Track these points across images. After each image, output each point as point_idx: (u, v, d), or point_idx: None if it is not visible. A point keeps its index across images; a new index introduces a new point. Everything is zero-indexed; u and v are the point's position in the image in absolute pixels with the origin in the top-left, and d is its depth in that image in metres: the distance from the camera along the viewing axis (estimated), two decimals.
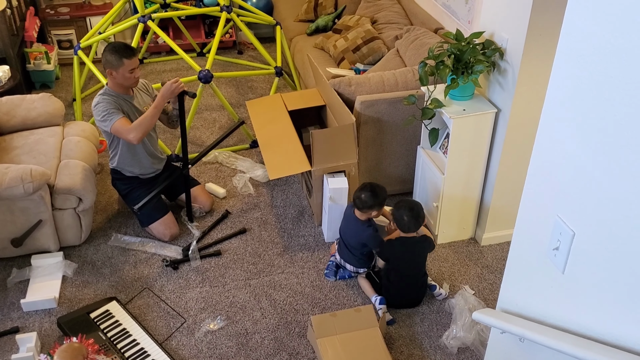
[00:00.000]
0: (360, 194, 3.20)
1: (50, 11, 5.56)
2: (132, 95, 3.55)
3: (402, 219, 3.11)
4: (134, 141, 3.36)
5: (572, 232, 1.57)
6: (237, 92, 5.29)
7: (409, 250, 3.15)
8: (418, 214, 3.12)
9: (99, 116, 3.39)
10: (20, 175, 3.20)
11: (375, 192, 3.19)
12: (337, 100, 3.60)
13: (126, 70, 3.37)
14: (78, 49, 4.59)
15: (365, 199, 3.18)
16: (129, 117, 3.46)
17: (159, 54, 5.91)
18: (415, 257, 3.18)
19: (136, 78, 3.44)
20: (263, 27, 5.99)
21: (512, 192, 3.39)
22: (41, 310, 3.22)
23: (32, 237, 3.43)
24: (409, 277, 3.18)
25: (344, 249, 3.33)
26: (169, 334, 3.10)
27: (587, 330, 1.59)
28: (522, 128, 3.18)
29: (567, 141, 1.56)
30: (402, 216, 3.11)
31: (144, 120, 3.37)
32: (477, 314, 2.01)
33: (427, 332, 3.11)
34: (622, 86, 1.33)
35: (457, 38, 3.21)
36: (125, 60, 3.35)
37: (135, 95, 3.57)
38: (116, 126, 3.36)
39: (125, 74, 3.39)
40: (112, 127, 3.37)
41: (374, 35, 4.58)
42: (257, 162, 4.33)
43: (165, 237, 3.65)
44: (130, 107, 3.51)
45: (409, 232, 3.14)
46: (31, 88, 5.28)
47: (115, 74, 3.39)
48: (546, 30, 2.87)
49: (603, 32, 1.37)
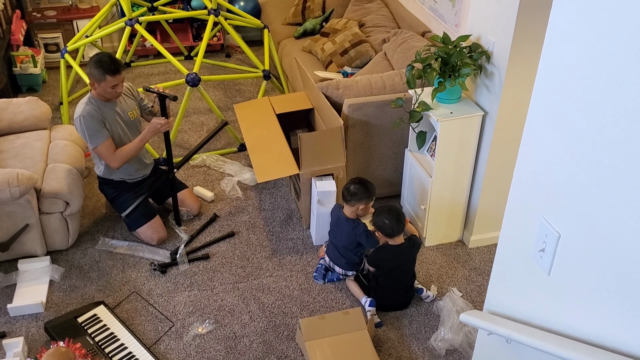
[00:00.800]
0: (349, 186, 3.24)
1: (37, 14, 5.53)
2: (116, 102, 3.53)
3: (384, 223, 3.10)
4: (115, 168, 3.48)
5: (557, 234, 1.59)
6: (225, 95, 5.29)
7: (399, 257, 3.16)
8: (398, 214, 3.11)
9: (83, 131, 3.38)
10: (6, 179, 3.18)
11: (364, 184, 3.23)
12: (325, 104, 3.61)
13: (108, 85, 3.34)
14: (65, 52, 4.57)
15: (354, 190, 3.21)
16: (110, 124, 3.45)
17: (147, 57, 5.89)
18: (405, 263, 3.19)
19: (117, 93, 3.41)
20: (251, 31, 6.00)
21: (500, 194, 3.42)
22: (28, 315, 3.20)
23: (18, 241, 3.40)
24: (398, 281, 3.19)
25: (333, 252, 3.34)
26: (157, 337, 3.09)
27: (573, 331, 1.60)
28: (509, 130, 3.20)
29: (552, 143, 1.57)
30: (382, 221, 3.10)
31: (127, 151, 3.46)
32: (464, 316, 2.02)
33: (416, 334, 3.12)
34: (606, 89, 1.35)
35: (445, 41, 3.23)
36: (109, 77, 3.31)
37: (119, 101, 3.55)
38: (100, 150, 3.41)
39: (107, 89, 3.36)
40: (97, 149, 3.41)
41: (362, 39, 4.59)
42: (245, 166, 4.33)
43: (153, 241, 3.63)
44: (113, 114, 3.48)
45: (394, 236, 3.13)
46: (18, 92, 5.24)
47: (97, 86, 3.36)
48: (532, 34, 2.90)
49: (587, 35, 1.39)
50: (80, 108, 3.40)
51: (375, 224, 3.14)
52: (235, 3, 5.80)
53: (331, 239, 3.37)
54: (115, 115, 3.49)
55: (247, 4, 5.83)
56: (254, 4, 5.86)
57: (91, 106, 3.40)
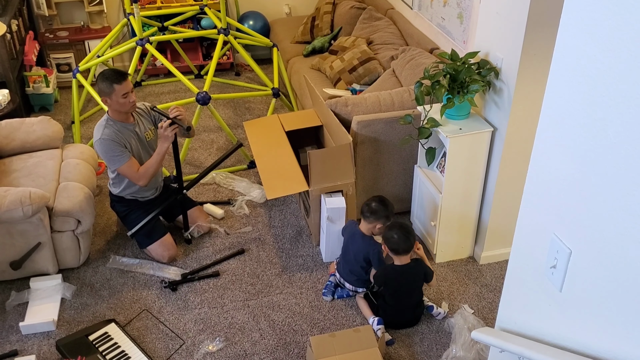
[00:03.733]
0: (370, 202, 3.24)
1: (50, 35, 5.61)
2: (134, 123, 3.55)
3: (392, 237, 3.10)
4: (142, 185, 3.51)
5: (569, 250, 1.58)
6: (235, 113, 5.33)
7: (403, 277, 3.14)
8: (408, 232, 3.10)
9: (105, 154, 3.42)
10: (19, 198, 3.21)
11: (385, 203, 3.24)
12: (333, 121, 3.62)
13: (118, 95, 3.35)
14: (77, 72, 4.63)
15: (375, 208, 3.21)
16: (131, 146, 3.48)
17: (157, 76, 5.95)
18: (410, 283, 3.18)
19: (131, 102, 3.42)
20: (260, 49, 6.05)
21: (510, 210, 3.41)
22: (40, 333, 3.21)
23: (30, 259, 3.43)
24: (405, 299, 3.18)
25: (344, 268, 3.34)
26: (168, 355, 3.09)
27: (585, 348, 1.59)
28: (518, 146, 3.20)
29: (562, 160, 1.57)
30: (391, 235, 3.10)
31: (150, 167, 3.48)
32: (475, 333, 2.01)
33: (427, 351, 3.09)
34: (615, 105, 1.35)
35: (453, 58, 3.24)
36: (116, 86, 3.34)
37: (137, 122, 3.57)
38: (123, 169, 3.44)
39: (119, 100, 3.37)
40: (120, 169, 3.44)
41: (370, 56, 4.62)
42: (255, 183, 4.35)
43: (164, 259, 3.64)
44: (132, 135, 3.52)
45: (399, 254, 3.11)
46: (30, 111, 5.31)
47: (110, 101, 3.39)
48: (540, 50, 2.91)
49: (595, 52, 1.40)
50: (99, 131, 3.43)
51: (384, 236, 3.15)
52: (244, 22, 5.86)
53: (343, 255, 3.37)
54: (134, 136, 3.52)
55: (257, 22, 5.89)
56: (263, 23, 5.92)
57: (110, 129, 3.42)
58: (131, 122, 3.53)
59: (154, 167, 3.47)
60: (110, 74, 3.36)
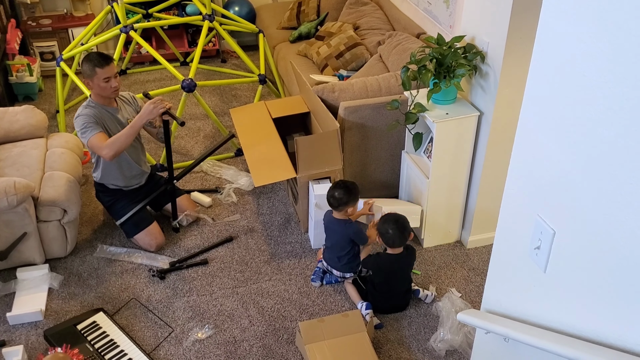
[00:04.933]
0: (333, 193, 3.25)
1: (32, 23, 5.54)
2: (117, 108, 3.53)
3: (387, 232, 3.09)
4: (107, 158, 3.34)
5: (552, 231, 1.59)
6: (221, 100, 5.30)
7: (395, 265, 3.16)
8: (403, 226, 3.09)
9: (78, 128, 3.39)
10: (4, 188, 3.18)
11: (346, 187, 3.24)
12: (321, 107, 3.61)
13: (100, 79, 3.34)
14: (60, 60, 4.57)
15: (338, 197, 3.23)
16: (110, 131, 3.45)
17: (142, 64, 5.90)
18: (401, 271, 3.19)
19: (113, 87, 3.40)
20: (246, 35, 6.01)
21: (497, 194, 3.41)
22: (27, 323, 3.19)
23: (17, 249, 3.40)
24: (394, 286, 3.19)
25: (330, 256, 3.34)
26: (157, 343, 3.09)
27: (569, 328, 1.61)
28: (504, 130, 3.21)
29: (546, 141, 1.58)
30: (387, 230, 3.09)
31: (118, 138, 3.32)
32: (461, 315, 2.02)
33: (415, 335, 3.12)
34: (598, 86, 1.36)
35: (439, 42, 3.24)
36: (98, 70, 3.32)
37: (120, 108, 3.55)
38: (92, 141, 3.35)
39: (100, 83, 3.36)
40: (88, 141, 3.37)
41: (357, 42, 4.61)
42: (242, 170, 4.33)
43: (152, 247, 3.63)
44: (113, 120, 3.49)
45: (394, 247, 3.11)
46: (14, 100, 5.25)
47: (92, 84, 3.38)
48: (526, 33, 2.91)
49: (577, 33, 1.40)
50: (79, 110, 3.43)
51: (379, 230, 3.14)
52: (230, 8, 5.80)
53: (327, 244, 3.38)
54: (115, 122, 3.49)
55: (242, 9, 5.84)
56: (249, 9, 5.88)
57: (90, 109, 3.41)
58: (113, 106, 3.51)
59: (122, 139, 3.32)
60: (94, 57, 3.35)
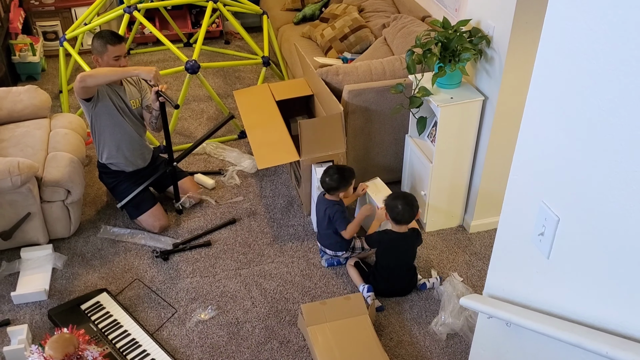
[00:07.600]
0: (324, 178, 3.28)
1: (35, 2, 5.51)
2: (122, 87, 3.53)
3: (397, 207, 3.11)
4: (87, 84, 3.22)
5: (556, 218, 1.59)
6: (225, 82, 5.28)
7: (399, 243, 3.17)
8: (412, 203, 3.12)
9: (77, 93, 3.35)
10: (7, 168, 3.19)
11: (339, 172, 3.27)
12: (324, 90, 3.60)
13: (110, 57, 3.38)
14: (64, 40, 4.55)
15: (330, 182, 3.26)
16: (115, 105, 3.45)
17: (146, 44, 5.87)
18: (404, 251, 3.20)
19: (122, 67, 3.41)
20: (250, 17, 5.97)
21: (500, 179, 3.42)
22: (32, 302, 3.22)
23: (21, 229, 3.42)
24: (397, 267, 3.20)
25: (320, 236, 3.43)
26: (160, 324, 3.11)
27: (571, 314, 1.61)
28: (509, 115, 3.20)
29: (551, 127, 1.58)
30: (396, 205, 3.11)
31: (101, 69, 3.26)
32: (464, 300, 2.03)
33: (417, 318, 3.14)
34: (604, 72, 1.35)
35: (444, 26, 3.22)
36: (110, 47, 3.37)
37: (125, 87, 3.55)
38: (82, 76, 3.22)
39: (110, 61, 3.39)
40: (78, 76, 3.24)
41: (362, 24, 4.57)
42: (245, 153, 4.33)
43: (155, 229, 3.65)
44: (116, 95, 3.49)
45: (401, 223, 3.13)
46: (17, 80, 5.24)
47: (101, 61, 3.40)
48: (532, 18, 2.89)
49: (586, 19, 1.39)
50: None
51: (387, 205, 3.16)
52: None
53: (316, 224, 3.44)
54: (118, 97, 3.49)
55: None
56: None
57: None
58: (119, 84, 3.52)
59: (104, 71, 3.24)
60: (106, 34, 3.39)
